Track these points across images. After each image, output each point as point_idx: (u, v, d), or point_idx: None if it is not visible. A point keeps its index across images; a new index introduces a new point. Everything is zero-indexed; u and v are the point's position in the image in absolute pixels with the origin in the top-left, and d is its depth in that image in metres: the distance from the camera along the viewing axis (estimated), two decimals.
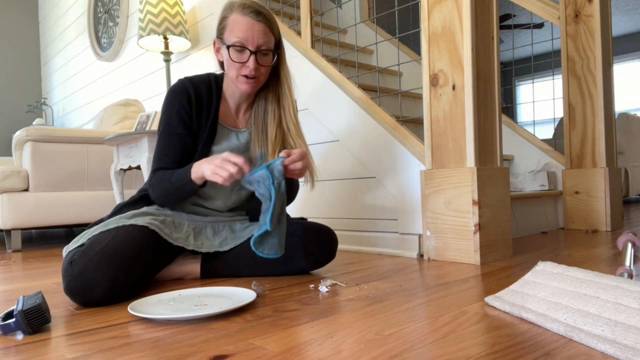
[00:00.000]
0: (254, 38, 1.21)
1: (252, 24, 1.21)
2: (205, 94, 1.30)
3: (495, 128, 1.48)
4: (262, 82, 1.29)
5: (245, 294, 1.02)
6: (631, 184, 3.70)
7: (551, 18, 2.27)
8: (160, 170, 1.27)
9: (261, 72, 1.25)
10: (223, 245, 1.30)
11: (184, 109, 1.28)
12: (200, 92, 1.30)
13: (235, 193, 1.38)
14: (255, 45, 1.21)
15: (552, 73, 3.25)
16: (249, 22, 1.21)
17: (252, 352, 0.70)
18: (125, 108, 2.98)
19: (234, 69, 1.24)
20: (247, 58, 1.22)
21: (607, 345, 0.65)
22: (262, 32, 1.22)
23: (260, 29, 1.21)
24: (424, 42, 1.54)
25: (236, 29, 1.21)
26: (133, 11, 3.36)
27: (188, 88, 1.29)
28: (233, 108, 1.36)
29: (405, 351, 0.68)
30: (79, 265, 1.03)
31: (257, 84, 1.27)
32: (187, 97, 1.28)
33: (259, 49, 1.22)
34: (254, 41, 1.21)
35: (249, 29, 1.20)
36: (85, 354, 0.72)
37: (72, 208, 2.44)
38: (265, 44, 1.23)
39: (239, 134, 1.36)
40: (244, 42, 1.21)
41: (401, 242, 1.64)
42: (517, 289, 0.94)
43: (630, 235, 1.42)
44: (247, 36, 1.20)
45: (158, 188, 1.25)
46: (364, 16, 3.19)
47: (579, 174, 2.12)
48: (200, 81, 1.31)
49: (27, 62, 4.81)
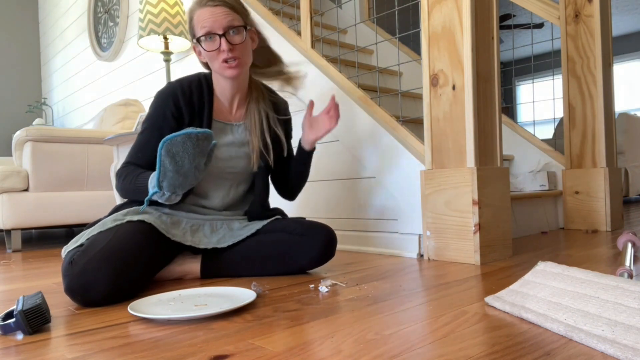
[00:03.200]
0: (218, 21, 1.23)
1: (212, 11, 1.23)
2: (196, 93, 1.32)
3: (495, 128, 1.48)
4: (246, 63, 1.30)
5: (245, 294, 1.02)
6: (631, 184, 3.70)
7: (551, 18, 2.27)
8: (130, 165, 1.27)
9: (239, 51, 1.26)
10: (221, 242, 1.30)
11: (170, 112, 1.28)
12: (190, 92, 1.31)
13: (233, 190, 1.40)
14: (222, 27, 1.23)
15: (552, 73, 3.26)
16: (208, 10, 1.23)
17: (252, 352, 0.70)
18: (125, 108, 2.98)
19: (214, 60, 1.26)
20: (219, 43, 1.24)
21: (607, 345, 0.65)
22: (224, 13, 1.24)
23: (221, 12, 1.23)
24: (424, 42, 1.54)
25: (200, 21, 1.24)
26: (133, 11, 3.36)
27: (176, 90, 1.30)
28: (226, 104, 1.37)
29: (405, 351, 0.68)
30: (79, 265, 1.03)
31: (240, 66, 1.27)
32: (174, 100, 1.29)
33: (226, 29, 1.24)
34: (219, 24, 1.23)
35: (211, 16, 1.23)
36: (85, 354, 0.72)
37: (72, 208, 2.44)
38: (230, 22, 1.24)
39: (233, 128, 1.37)
40: (210, 30, 1.23)
41: (401, 242, 1.64)
42: (517, 289, 0.94)
43: (630, 235, 1.42)
44: (211, 22, 1.23)
45: (122, 182, 1.25)
46: (364, 16, 3.19)
47: (579, 174, 2.12)
48: (190, 81, 1.33)
49: (27, 62, 4.81)
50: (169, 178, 1.07)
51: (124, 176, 1.24)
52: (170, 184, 1.08)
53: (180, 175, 1.07)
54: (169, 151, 1.04)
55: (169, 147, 1.03)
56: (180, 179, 1.08)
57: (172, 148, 1.03)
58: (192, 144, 1.04)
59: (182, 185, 1.09)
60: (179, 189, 1.10)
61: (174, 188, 1.09)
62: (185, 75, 1.36)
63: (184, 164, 1.05)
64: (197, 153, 1.06)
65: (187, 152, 1.04)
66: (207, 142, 1.07)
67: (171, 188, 1.09)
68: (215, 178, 1.36)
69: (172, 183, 1.08)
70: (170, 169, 1.06)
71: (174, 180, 1.08)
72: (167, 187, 1.09)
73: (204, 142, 1.06)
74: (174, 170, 1.06)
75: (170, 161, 1.05)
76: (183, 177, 1.08)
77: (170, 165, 1.05)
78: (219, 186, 1.37)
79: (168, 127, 1.29)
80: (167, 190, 1.10)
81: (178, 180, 1.08)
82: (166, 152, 1.04)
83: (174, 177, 1.07)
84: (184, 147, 1.03)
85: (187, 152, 1.04)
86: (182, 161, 1.05)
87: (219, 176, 1.36)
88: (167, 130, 1.29)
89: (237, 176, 1.39)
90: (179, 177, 1.07)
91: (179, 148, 1.04)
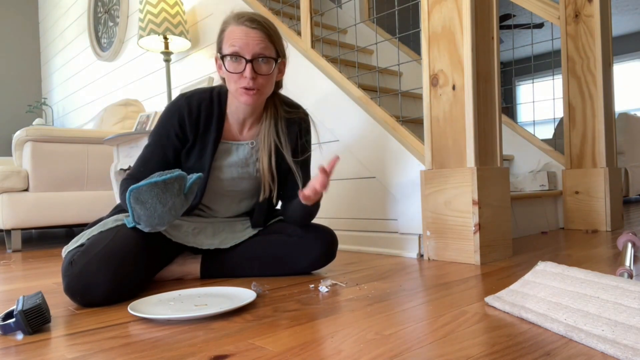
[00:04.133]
0: (249, 45, 1.16)
1: (247, 32, 1.17)
2: (204, 113, 1.25)
3: (495, 128, 1.48)
4: (265, 94, 1.23)
5: (245, 294, 1.02)
6: (631, 184, 3.70)
7: (551, 18, 2.27)
8: (132, 180, 1.22)
9: (261, 82, 1.19)
10: (223, 244, 1.29)
11: (173, 130, 1.24)
12: (198, 112, 1.25)
13: (235, 205, 1.36)
14: (251, 53, 1.17)
15: (552, 73, 3.25)
16: (243, 30, 1.17)
17: (252, 352, 0.70)
18: (125, 108, 2.98)
19: (233, 81, 1.19)
20: (244, 67, 1.17)
21: (607, 345, 0.65)
22: (258, 39, 1.17)
23: (256, 36, 1.17)
24: (424, 42, 1.54)
25: (231, 39, 1.17)
26: (133, 11, 3.36)
27: (182, 108, 1.24)
28: (237, 124, 1.30)
29: (405, 351, 0.68)
30: (79, 265, 1.03)
31: (258, 96, 1.20)
32: (179, 119, 1.24)
33: (255, 57, 1.17)
34: (250, 49, 1.16)
35: (244, 37, 1.16)
36: (85, 354, 0.72)
37: (72, 208, 2.44)
38: (262, 51, 1.17)
39: (239, 147, 1.30)
40: (239, 51, 1.16)
41: (401, 242, 1.64)
42: (517, 289, 0.94)
43: (630, 235, 1.42)
44: (242, 44, 1.16)
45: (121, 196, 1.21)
46: (364, 16, 3.19)
47: (579, 174, 2.12)
48: (200, 100, 1.26)
49: (27, 62, 4.81)
50: (143, 220, 1.07)
51: (122, 191, 1.21)
52: (147, 224, 1.08)
53: (155, 218, 1.05)
54: (137, 199, 1.02)
55: (136, 195, 1.01)
56: (155, 220, 1.06)
57: (139, 196, 1.02)
58: (159, 190, 1.01)
59: (160, 223, 1.08)
60: (159, 225, 1.09)
61: (152, 226, 1.08)
62: (198, 89, 1.29)
63: (156, 208, 1.03)
64: (168, 197, 1.03)
65: (157, 197, 1.02)
66: (179, 182, 1.03)
67: (149, 226, 1.09)
68: (217, 195, 1.33)
69: (149, 223, 1.07)
70: (142, 214, 1.05)
71: (150, 221, 1.06)
72: (145, 226, 1.09)
73: (174, 184, 1.02)
74: (147, 215, 1.04)
75: (141, 207, 1.03)
76: (158, 218, 1.06)
77: (142, 211, 1.04)
78: (219, 201, 1.34)
79: (171, 146, 1.25)
80: (146, 227, 1.09)
81: (154, 221, 1.06)
82: (135, 201, 1.02)
83: (148, 220, 1.06)
84: (152, 194, 1.01)
85: (157, 197, 1.02)
86: (154, 206, 1.03)
87: (221, 193, 1.32)
88: (170, 150, 1.25)
89: (240, 194, 1.35)
90: (153, 219, 1.05)
91: (147, 196, 1.01)
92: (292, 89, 2.02)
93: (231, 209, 1.37)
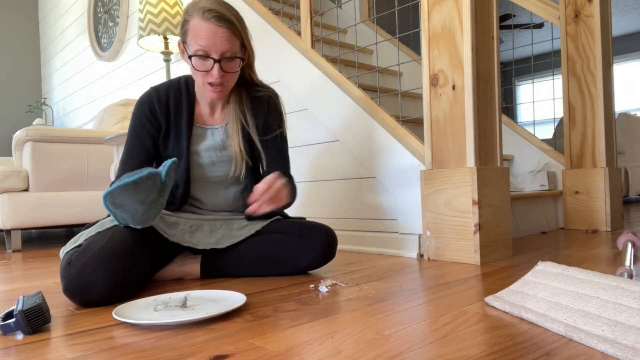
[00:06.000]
0: (217, 45, 1.15)
1: (215, 31, 1.14)
2: (173, 98, 1.29)
3: (495, 128, 1.48)
4: (230, 87, 1.26)
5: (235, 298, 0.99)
6: (631, 184, 3.70)
7: (551, 18, 2.27)
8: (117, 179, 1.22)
9: (227, 78, 1.22)
10: (220, 243, 1.29)
11: (146, 118, 1.27)
12: (167, 98, 1.29)
13: (222, 192, 1.38)
14: (219, 52, 1.16)
15: (552, 73, 3.25)
16: (211, 29, 1.14)
17: (252, 352, 0.70)
18: (125, 108, 2.98)
19: (199, 77, 1.21)
20: (211, 66, 1.17)
21: (607, 345, 0.65)
22: (225, 38, 1.15)
23: (223, 35, 1.15)
24: (424, 42, 1.54)
25: (198, 36, 1.15)
26: (133, 11, 3.36)
27: (151, 97, 1.28)
28: (207, 108, 1.34)
29: (405, 351, 0.68)
30: (77, 265, 1.02)
31: (224, 90, 1.24)
32: (149, 106, 1.28)
33: (222, 56, 1.17)
34: (217, 48, 1.15)
35: (211, 37, 1.14)
36: (85, 354, 0.72)
37: (72, 208, 2.44)
38: (230, 49, 1.17)
39: (214, 131, 1.34)
40: (207, 50, 1.16)
41: (401, 242, 1.64)
42: (517, 289, 0.94)
43: (630, 235, 1.42)
44: (209, 44, 1.15)
45: None
46: (364, 16, 3.19)
47: (579, 174, 2.12)
48: (168, 87, 1.30)
49: (27, 62, 4.81)
50: (129, 221, 1.07)
51: None
52: (135, 223, 1.08)
53: (139, 216, 1.05)
54: (114, 204, 1.02)
55: (111, 199, 1.01)
56: (141, 218, 1.06)
57: (114, 200, 1.01)
58: (132, 191, 1.00)
59: (147, 218, 1.07)
60: (148, 220, 1.08)
61: (141, 223, 1.08)
62: (164, 81, 1.34)
63: (137, 208, 1.03)
64: (144, 194, 1.01)
65: (133, 198, 1.01)
66: (151, 180, 1.01)
67: (138, 224, 1.09)
68: (200, 182, 1.35)
69: (136, 222, 1.07)
70: (125, 216, 1.05)
71: (136, 220, 1.07)
72: (134, 224, 1.09)
73: (146, 182, 1.01)
74: (130, 216, 1.05)
75: (121, 210, 1.04)
76: (143, 216, 1.05)
77: (123, 214, 1.05)
78: (206, 190, 1.36)
79: (147, 134, 1.28)
80: (137, 225, 1.09)
81: (140, 219, 1.06)
82: (112, 205, 1.02)
83: (134, 220, 1.06)
84: (126, 195, 1.00)
85: (133, 198, 1.01)
86: (134, 207, 1.03)
87: (203, 180, 1.35)
88: (147, 138, 1.27)
89: (223, 179, 1.37)
90: (138, 217, 1.05)
91: (122, 199, 1.01)
92: (292, 88, 2.02)
93: (219, 198, 1.38)
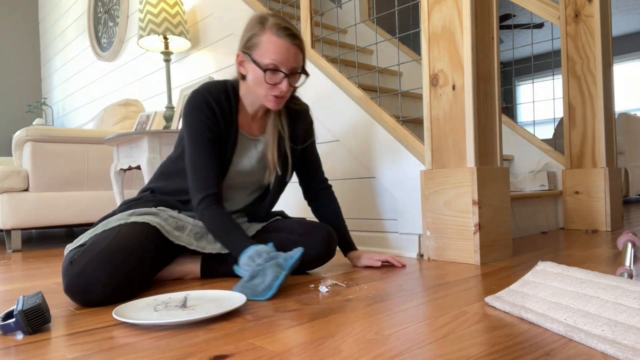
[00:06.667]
0: (289, 61, 1.20)
1: (289, 48, 1.19)
2: (225, 103, 1.27)
3: (495, 128, 1.48)
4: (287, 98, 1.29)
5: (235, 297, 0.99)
6: (631, 184, 3.70)
7: (551, 18, 2.27)
8: (212, 198, 1.21)
9: (289, 90, 1.25)
10: (224, 249, 1.29)
11: (209, 120, 1.24)
12: (221, 102, 1.26)
13: (246, 197, 1.40)
14: (290, 68, 1.21)
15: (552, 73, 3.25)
16: (285, 46, 1.19)
17: (252, 352, 0.70)
18: (125, 108, 2.98)
19: (265, 89, 1.22)
20: (281, 80, 1.21)
21: (607, 345, 0.65)
22: (296, 54, 1.21)
23: (295, 52, 1.21)
24: (424, 42, 1.54)
25: (271, 51, 1.18)
26: (133, 11, 3.36)
27: (208, 99, 1.24)
28: (249, 117, 1.34)
29: (405, 351, 0.68)
30: (79, 265, 1.02)
31: (284, 102, 1.27)
32: (210, 108, 1.24)
33: (292, 71, 1.22)
34: (289, 65, 1.21)
35: (285, 53, 1.19)
36: (85, 354, 0.72)
37: (72, 208, 2.44)
38: (298, 65, 1.23)
39: (257, 142, 1.35)
40: (280, 65, 1.19)
41: (401, 242, 1.64)
42: (517, 289, 0.94)
43: (630, 235, 1.42)
44: (283, 59, 1.19)
45: (210, 224, 1.21)
46: (364, 16, 3.19)
47: (579, 174, 2.12)
48: (219, 90, 1.27)
49: (27, 62, 4.81)
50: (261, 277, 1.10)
51: (213, 220, 1.20)
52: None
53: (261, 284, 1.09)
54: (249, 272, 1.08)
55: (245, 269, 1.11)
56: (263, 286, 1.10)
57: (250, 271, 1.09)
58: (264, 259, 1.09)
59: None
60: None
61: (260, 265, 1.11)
62: (209, 82, 1.29)
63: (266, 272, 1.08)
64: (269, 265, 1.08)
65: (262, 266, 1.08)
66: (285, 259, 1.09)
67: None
68: (236, 187, 1.36)
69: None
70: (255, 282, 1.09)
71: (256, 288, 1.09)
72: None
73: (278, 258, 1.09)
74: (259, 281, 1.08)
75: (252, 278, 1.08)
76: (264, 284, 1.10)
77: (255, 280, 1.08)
78: (233, 194, 1.37)
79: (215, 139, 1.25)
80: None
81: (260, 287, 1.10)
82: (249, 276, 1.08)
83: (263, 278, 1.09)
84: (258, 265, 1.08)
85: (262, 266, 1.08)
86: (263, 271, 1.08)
87: (234, 186, 1.35)
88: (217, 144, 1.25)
89: (253, 185, 1.39)
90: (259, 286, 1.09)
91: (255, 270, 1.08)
92: None
93: (240, 202, 1.39)
